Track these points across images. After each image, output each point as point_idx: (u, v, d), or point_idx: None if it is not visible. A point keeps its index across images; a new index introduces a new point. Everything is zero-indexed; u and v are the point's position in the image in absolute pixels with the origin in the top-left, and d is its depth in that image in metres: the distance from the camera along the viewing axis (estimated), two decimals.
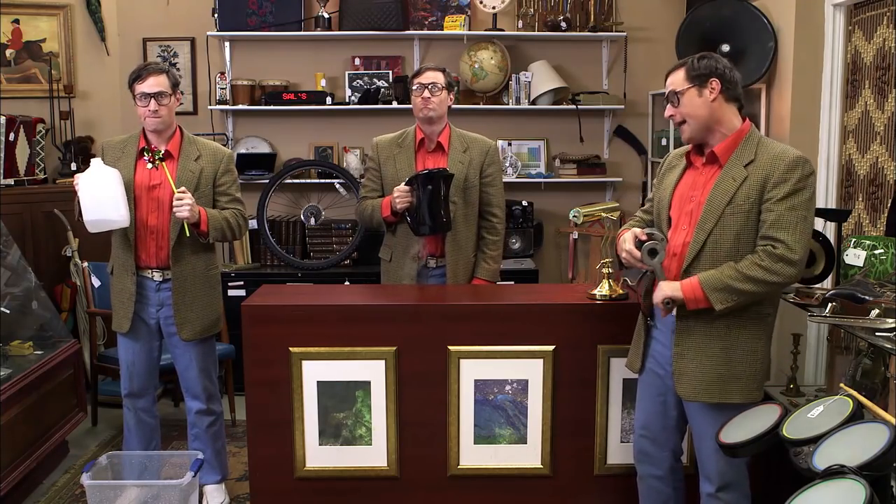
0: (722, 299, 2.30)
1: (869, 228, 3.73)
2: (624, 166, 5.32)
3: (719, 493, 2.46)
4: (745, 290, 2.29)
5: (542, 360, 2.88)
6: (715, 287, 2.30)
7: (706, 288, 2.31)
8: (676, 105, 2.41)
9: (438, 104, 3.32)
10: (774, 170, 2.31)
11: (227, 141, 5.16)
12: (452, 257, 3.40)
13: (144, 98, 3.10)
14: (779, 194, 2.29)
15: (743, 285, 2.28)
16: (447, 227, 3.28)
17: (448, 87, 3.35)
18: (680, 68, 2.41)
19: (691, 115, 2.39)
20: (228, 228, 3.25)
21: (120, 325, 3.28)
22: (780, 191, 2.29)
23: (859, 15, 3.84)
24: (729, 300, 2.30)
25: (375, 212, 3.38)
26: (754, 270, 2.28)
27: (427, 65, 3.41)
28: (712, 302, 2.30)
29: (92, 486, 3.01)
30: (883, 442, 1.66)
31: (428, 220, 3.20)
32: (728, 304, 2.30)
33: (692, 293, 2.33)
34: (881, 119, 3.66)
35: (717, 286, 2.30)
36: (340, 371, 2.89)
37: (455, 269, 3.41)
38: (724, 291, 2.29)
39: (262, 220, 4.85)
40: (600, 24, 5.12)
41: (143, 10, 5.16)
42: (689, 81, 2.38)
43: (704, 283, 2.31)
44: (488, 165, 3.44)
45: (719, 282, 2.30)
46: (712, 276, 2.32)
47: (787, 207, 2.29)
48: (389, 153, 3.45)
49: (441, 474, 2.95)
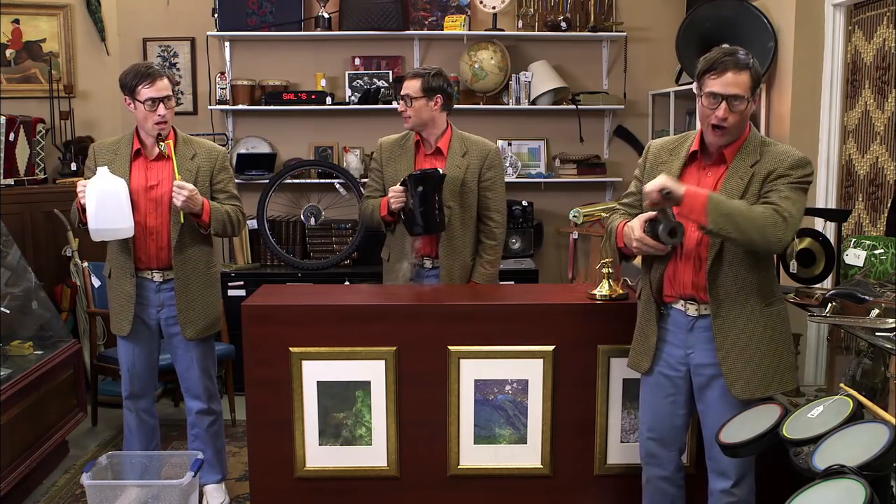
0: (717, 222, 2.23)
1: (869, 228, 3.73)
2: (624, 166, 5.32)
3: (734, 489, 2.46)
4: (742, 227, 2.24)
5: (542, 360, 2.88)
6: (720, 210, 2.24)
7: (710, 204, 2.23)
8: (735, 110, 2.34)
9: (414, 113, 3.31)
10: (779, 165, 2.34)
11: (227, 141, 5.16)
12: (447, 260, 3.38)
13: (153, 103, 3.09)
14: (782, 182, 2.33)
15: (744, 222, 2.24)
16: (440, 227, 3.27)
17: (427, 92, 3.28)
18: (746, 71, 2.32)
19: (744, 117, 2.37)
20: (229, 222, 3.25)
21: (120, 329, 3.28)
22: (783, 180, 2.33)
23: (859, 15, 3.84)
24: (723, 227, 2.24)
25: (375, 211, 3.39)
26: (764, 221, 2.25)
27: (410, 71, 3.38)
28: (708, 217, 2.23)
29: (92, 486, 3.01)
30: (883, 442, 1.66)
31: (419, 220, 3.21)
32: (718, 228, 2.24)
33: (693, 199, 2.25)
34: (881, 119, 3.66)
35: (722, 210, 2.24)
36: (340, 371, 2.89)
37: (450, 271, 3.39)
38: (725, 216, 2.24)
39: (262, 220, 4.85)
40: (600, 24, 5.12)
41: (143, 10, 5.17)
42: (750, 90, 2.34)
43: (711, 199, 2.24)
44: (487, 169, 3.39)
45: (726, 206, 2.25)
46: (722, 199, 2.27)
47: (791, 190, 2.32)
48: (391, 154, 3.45)
49: (441, 474, 2.95)
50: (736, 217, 2.24)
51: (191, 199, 3.07)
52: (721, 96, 2.31)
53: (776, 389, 2.41)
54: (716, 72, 2.33)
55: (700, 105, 2.39)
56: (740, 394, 2.41)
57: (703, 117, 2.39)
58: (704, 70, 2.36)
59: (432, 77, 3.30)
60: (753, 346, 2.39)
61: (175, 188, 3.06)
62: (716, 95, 2.32)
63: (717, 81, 2.32)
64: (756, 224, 2.25)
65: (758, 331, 2.39)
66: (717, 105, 2.32)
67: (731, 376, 2.41)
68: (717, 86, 2.32)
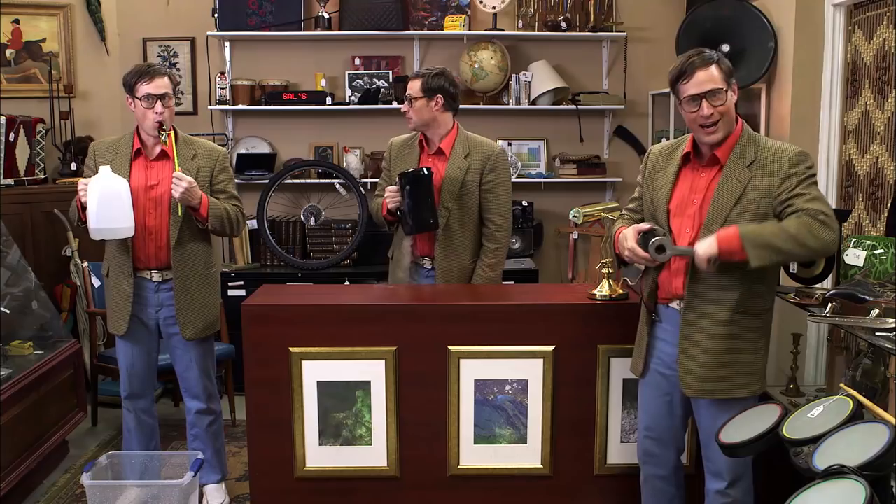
0: (760, 256, 2.25)
1: (869, 228, 3.73)
2: (624, 166, 5.32)
3: (729, 490, 2.46)
4: (785, 249, 2.25)
5: (542, 360, 2.88)
6: (756, 243, 2.25)
7: (746, 242, 2.25)
8: (717, 104, 2.35)
9: (415, 114, 3.32)
10: (780, 167, 2.33)
11: (227, 141, 5.16)
12: (444, 261, 3.36)
13: (150, 99, 3.09)
14: (793, 183, 2.32)
15: (785, 244, 2.25)
16: (433, 226, 3.26)
17: (426, 92, 3.28)
18: (712, 65, 2.34)
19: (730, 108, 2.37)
20: (227, 220, 3.24)
21: (117, 328, 3.28)
22: (793, 181, 2.32)
23: (859, 15, 3.84)
24: (766, 258, 2.26)
25: (378, 211, 3.41)
26: (801, 232, 2.25)
27: (414, 72, 3.39)
28: (750, 258, 2.25)
29: (92, 486, 3.01)
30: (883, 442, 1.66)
31: (410, 219, 3.21)
32: (764, 261, 2.26)
33: (728, 244, 2.27)
34: (881, 119, 3.66)
35: (758, 242, 2.25)
36: (340, 371, 2.89)
37: (446, 272, 3.37)
38: (764, 248, 2.25)
39: (262, 220, 4.85)
40: (600, 24, 5.12)
41: (143, 10, 5.17)
42: (725, 81, 2.35)
43: (745, 237, 2.26)
44: (489, 171, 3.34)
45: (760, 237, 2.26)
46: (753, 232, 2.28)
47: (806, 187, 2.31)
48: (399, 154, 3.46)
49: (441, 474, 2.95)
50: (774, 242, 2.26)
51: (189, 190, 3.06)
52: (699, 96, 2.34)
53: (725, 394, 2.40)
54: (685, 76, 2.36)
55: (685, 113, 2.41)
56: (690, 391, 2.44)
57: (691, 122, 2.41)
58: (674, 79, 2.39)
59: (433, 77, 3.29)
60: (711, 346, 2.39)
61: (174, 179, 3.06)
62: (694, 97, 2.34)
63: (690, 84, 2.35)
64: (797, 240, 2.25)
65: (721, 332, 2.38)
66: (699, 105, 2.34)
67: (684, 371, 2.43)
68: (691, 88, 2.35)
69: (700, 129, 2.39)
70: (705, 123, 2.36)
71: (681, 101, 2.39)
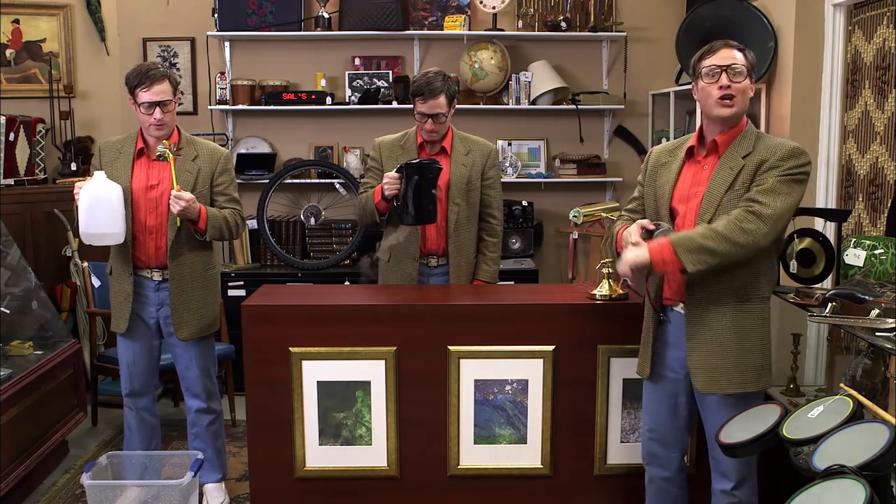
0: (694, 260, 2.25)
1: (869, 228, 3.73)
2: (624, 166, 5.32)
3: (735, 491, 2.46)
4: (719, 249, 2.25)
5: (542, 360, 2.89)
6: (687, 248, 2.26)
7: (678, 248, 2.26)
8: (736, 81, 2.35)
9: (443, 126, 3.33)
10: (771, 156, 2.34)
11: (227, 141, 5.16)
12: (455, 258, 3.41)
13: (149, 107, 3.09)
14: (772, 174, 2.31)
15: (719, 245, 2.25)
16: (431, 218, 3.27)
17: (450, 102, 3.29)
18: (738, 49, 2.38)
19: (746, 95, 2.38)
20: (227, 228, 3.25)
21: (118, 326, 3.29)
22: (772, 172, 2.32)
23: (859, 15, 3.84)
24: (702, 261, 2.25)
25: (369, 200, 3.35)
26: (729, 229, 2.26)
27: (423, 87, 3.22)
28: (685, 263, 2.26)
29: (92, 486, 3.01)
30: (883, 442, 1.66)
31: (411, 209, 3.19)
32: (701, 265, 2.26)
33: (659, 253, 2.28)
34: (881, 119, 3.66)
35: (689, 246, 2.26)
36: (340, 371, 2.89)
37: (458, 269, 3.42)
38: (697, 252, 2.25)
39: (262, 220, 4.85)
40: (600, 24, 5.12)
41: (143, 10, 5.17)
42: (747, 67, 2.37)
43: (676, 243, 2.27)
44: (489, 168, 3.45)
45: (691, 241, 2.27)
46: (684, 237, 2.29)
47: (777, 181, 2.30)
48: (391, 153, 3.45)
49: (441, 474, 2.95)
50: (705, 244, 2.26)
51: (188, 209, 3.08)
52: (720, 67, 2.34)
53: (737, 388, 2.39)
54: (711, 52, 2.39)
55: (702, 87, 2.39)
56: (701, 386, 2.43)
57: (706, 97, 2.38)
58: (700, 56, 2.42)
59: (449, 86, 3.29)
60: (718, 340, 2.39)
61: (173, 197, 3.07)
62: (715, 69, 2.34)
63: (714, 57, 2.37)
64: (727, 238, 2.25)
65: (727, 326, 2.38)
66: (718, 76, 2.34)
67: (695, 367, 2.43)
68: (714, 60, 2.37)
69: (715, 104, 2.37)
70: (723, 95, 2.34)
71: (700, 79, 2.39)
